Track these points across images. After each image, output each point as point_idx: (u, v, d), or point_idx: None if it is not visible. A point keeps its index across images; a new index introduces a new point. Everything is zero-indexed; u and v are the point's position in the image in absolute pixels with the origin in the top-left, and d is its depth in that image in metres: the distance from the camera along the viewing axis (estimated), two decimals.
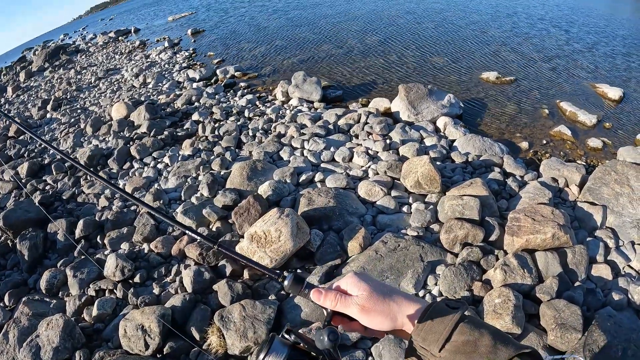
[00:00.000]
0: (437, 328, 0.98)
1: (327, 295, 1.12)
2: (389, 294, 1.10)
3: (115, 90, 14.88)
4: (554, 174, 6.41)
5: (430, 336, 0.98)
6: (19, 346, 4.70)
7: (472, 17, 16.28)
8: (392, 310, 1.06)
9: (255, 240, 5.00)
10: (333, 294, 1.12)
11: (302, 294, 1.17)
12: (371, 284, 1.11)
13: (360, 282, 1.11)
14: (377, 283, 1.13)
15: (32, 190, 8.74)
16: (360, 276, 1.14)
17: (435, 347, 0.97)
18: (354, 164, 7.21)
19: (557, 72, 10.84)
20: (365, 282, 1.11)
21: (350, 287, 1.12)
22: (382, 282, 1.16)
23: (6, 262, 6.87)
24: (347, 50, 13.94)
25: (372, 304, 1.07)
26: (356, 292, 1.10)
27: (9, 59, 42.02)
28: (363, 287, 1.10)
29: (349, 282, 1.14)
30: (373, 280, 1.13)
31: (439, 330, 0.98)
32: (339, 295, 1.11)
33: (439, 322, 0.99)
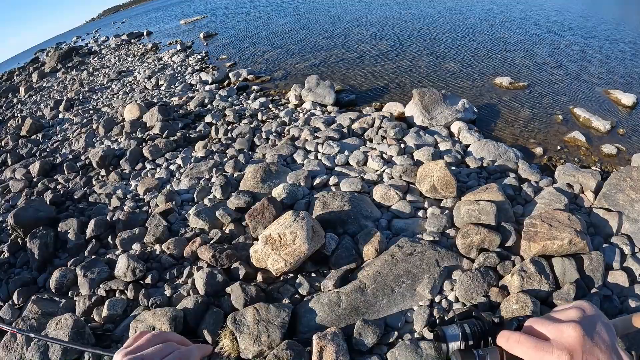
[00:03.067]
0: None
1: (521, 340, 0.88)
2: (601, 358, 0.82)
3: (127, 92, 14.95)
4: (569, 179, 6.35)
5: None
6: (27, 345, 4.67)
7: (485, 23, 16.25)
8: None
9: (270, 243, 4.95)
10: (528, 340, 0.88)
11: None
12: (582, 340, 0.82)
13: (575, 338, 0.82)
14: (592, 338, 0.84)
15: (43, 189, 8.75)
16: (581, 352, 0.82)
17: None
18: (369, 167, 7.16)
19: (570, 77, 10.79)
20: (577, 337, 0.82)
21: (559, 335, 0.85)
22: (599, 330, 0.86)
23: (16, 260, 6.86)
24: (359, 54, 13.94)
25: None
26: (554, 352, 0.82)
27: (22, 60, 42.36)
28: (573, 342, 0.82)
29: (561, 345, 0.83)
30: (591, 332, 0.84)
31: None
32: (536, 342, 0.86)
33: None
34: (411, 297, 4.62)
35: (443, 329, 1.02)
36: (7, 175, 10.23)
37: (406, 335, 4.26)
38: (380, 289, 4.61)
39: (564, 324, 0.85)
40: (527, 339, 0.87)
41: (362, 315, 4.39)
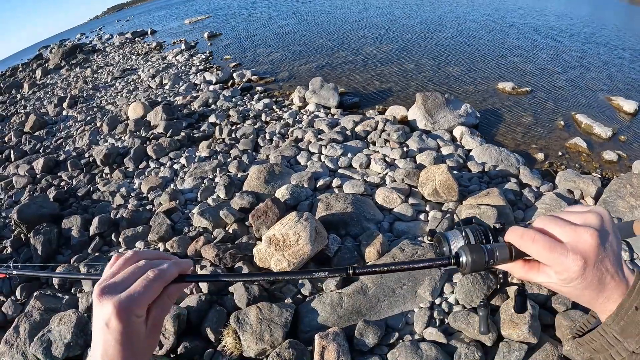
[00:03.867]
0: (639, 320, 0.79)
1: (530, 270, 0.86)
2: (607, 285, 0.82)
3: (131, 90, 14.98)
4: (570, 185, 6.39)
5: (631, 328, 0.80)
6: (30, 340, 4.68)
7: (488, 28, 16.31)
8: (599, 300, 0.83)
9: (274, 243, 5.00)
10: (537, 268, 0.86)
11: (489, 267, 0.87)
12: (595, 277, 0.80)
13: (585, 269, 0.79)
14: (604, 273, 0.81)
15: (47, 186, 8.79)
16: (595, 258, 0.79)
17: (633, 342, 0.81)
18: (371, 170, 7.20)
19: (573, 83, 10.85)
20: (590, 274, 0.79)
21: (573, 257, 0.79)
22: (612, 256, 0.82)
23: (19, 256, 6.87)
24: (364, 57, 13.98)
25: (581, 294, 0.83)
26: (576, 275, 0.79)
27: (25, 55, 42.38)
28: (586, 280, 0.80)
29: (576, 249, 0.79)
30: (602, 268, 0.81)
31: None
32: (551, 242, 0.81)
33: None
34: (412, 299, 4.66)
35: (444, 233, 0.96)
36: (11, 171, 10.27)
37: (407, 336, 4.30)
38: (381, 291, 4.65)
39: (581, 228, 0.81)
40: (542, 238, 0.82)
41: (363, 316, 4.43)
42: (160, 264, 0.94)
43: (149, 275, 0.90)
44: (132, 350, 0.85)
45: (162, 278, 0.91)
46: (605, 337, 0.84)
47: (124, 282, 0.89)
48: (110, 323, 0.83)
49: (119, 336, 0.83)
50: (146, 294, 0.87)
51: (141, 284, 0.88)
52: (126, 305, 0.84)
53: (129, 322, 0.84)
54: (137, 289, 0.87)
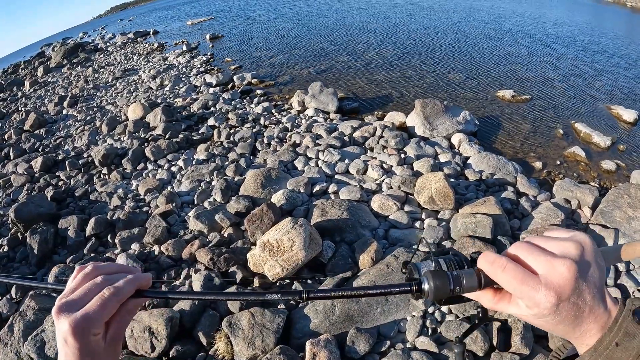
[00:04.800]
0: (619, 357, 0.71)
1: (501, 301, 0.79)
2: (586, 317, 0.73)
3: (132, 91, 15.00)
4: (567, 195, 6.38)
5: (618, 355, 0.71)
6: (24, 340, 4.69)
7: (489, 35, 16.33)
8: (576, 333, 0.76)
9: (268, 248, 5.00)
10: (507, 300, 0.78)
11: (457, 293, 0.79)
12: (571, 312, 0.72)
13: (560, 302, 0.71)
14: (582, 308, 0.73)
15: (45, 185, 8.80)
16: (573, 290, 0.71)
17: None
18: (368, 176, 7.21)
19: (573, 92, 10.86)
20: (566, 307, 0.72)
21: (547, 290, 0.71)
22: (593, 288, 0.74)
23: (15, 255, 6.90)
24: (364, 62, 14.00)
25: (557, 329, 0.75)
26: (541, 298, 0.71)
27: (27, 53, 42.40)
28: (561, 314, 0.72)
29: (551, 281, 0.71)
30: (579, 299, 0.72)
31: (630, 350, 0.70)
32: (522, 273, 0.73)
33: (623, 349, 0.71)
34: (405, 307, 4.66)
35: (416, 263, 0.89)
36: (9, 169, 10.28)
37: (398, 344, 4.29)
38: (374, 298, 4.64)
39: (558, 259, 0.73)
40: (514, 267, 0.74)
41: (355, 324, 4.43)
42: (117, 279, 0.94)
43: (105, 293, 0.90)
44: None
45: (118, 296, 0.91)
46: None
47: (81, 300, 0.89)
48: (67, 340, 0.84)
49: (77, 352, 0.84)
50: (101, 313, 0.88)
51: (97, 302, 0.88)
52: (81, 325, 0.85)
53: (84, 340, 0.85)
54: (93, 308, 0.87)
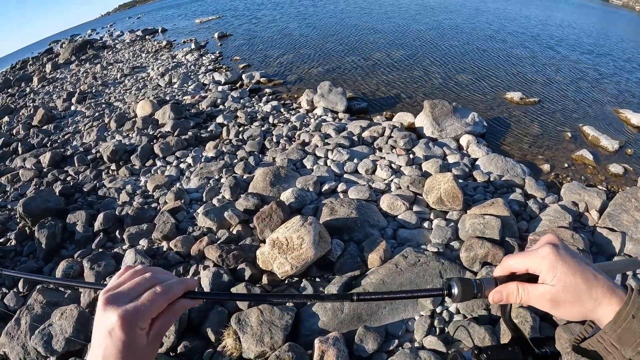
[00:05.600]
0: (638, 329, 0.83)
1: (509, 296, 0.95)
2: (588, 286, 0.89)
3: (140, 88, 15.04)
4: (575, 198, 6.38)
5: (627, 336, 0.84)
6: (31, 333, 4.72)
7: (497, 37, 16.30)
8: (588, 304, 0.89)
9: (277, 246, 5.01)
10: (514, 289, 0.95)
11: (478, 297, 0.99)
12: (569, 271, 0.89)
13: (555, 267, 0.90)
14: (576, 268, 0.90)
15: (53, 180, 8.84)
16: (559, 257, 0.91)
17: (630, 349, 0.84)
18: (377, 176, 7.22)
19: (581, 95, 10.84)
20: (561, 267, 0.90)
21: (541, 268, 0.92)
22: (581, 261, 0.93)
23: (23, 249, 6.94)
24: (373, 62, 13.99)
25: (567, 297, 0.89)
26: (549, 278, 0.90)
27: (36, 49, 42.52)
28: (559, 272, 0.89)
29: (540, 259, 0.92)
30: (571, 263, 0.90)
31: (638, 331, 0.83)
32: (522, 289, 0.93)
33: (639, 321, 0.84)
34: (413, 306, 4.66)
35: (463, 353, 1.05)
36: (18, 163, 10.33)
37: (406, 343, 4.30)
38: None
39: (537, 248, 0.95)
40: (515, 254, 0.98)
41: (363, 322, 4.43)
42: (167, 279, 0.97)
43: (157, 289, 0.93)
44: (127, 358, 0.86)
45: (168, 294, 0.93)
46: (602, 344, 0.87)
47: (130, 293, 0.91)
48: (113, 332, 0.85)
49: (120, 345, 0.85)
50: (151, 308, 0.90)
51: (148, 297, 0.91)
52: (131, 317, 0.86)
53: (131, 333, 0.86)
54: (144, 302, 0.90)
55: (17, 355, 4.73)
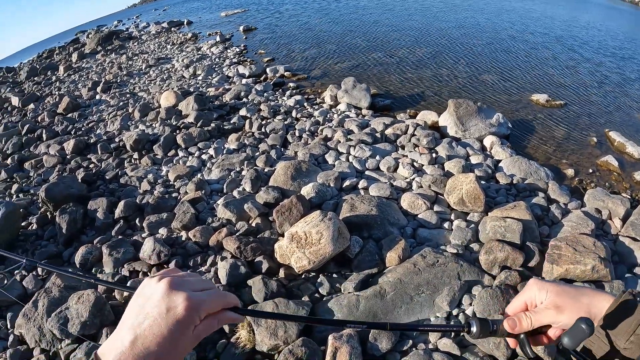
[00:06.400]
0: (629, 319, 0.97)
1: (520, 320, 1.08)
2: (576, 289, 1.07)
3: (165, 79, 15.13)
4: (598, 204, 6.24)
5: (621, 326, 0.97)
6: (47, 316, 4.77)
7: (525, 38, 16.09)
8: (584, 303, 1.03)
9: (296, 240, 4.99)
10: (524, 315, 1.08)
11: (494, 334, 1.12)
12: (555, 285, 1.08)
13: (543, 284, 1.09)
14: (559, 283, 1.10)
15: (76, 167, 8.93)
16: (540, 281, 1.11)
17: (623, 337, 0.97)
18: (399, 174, 7.17)
19: (608, 100, 10.65)
20: (548, 284, 1.08)
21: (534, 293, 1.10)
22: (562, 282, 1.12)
23: (44, 233, 7.03)
24: (397, 60, 13.90)
25: (564, 300, 1.04)
26: (543, 296, 1.08)
27: (62, 39, 42.96)
28: (548, 287, 1.08)
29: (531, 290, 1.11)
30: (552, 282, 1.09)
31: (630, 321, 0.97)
32: (529, 313, 1.08)
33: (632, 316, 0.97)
34: (429, 307, 4.62)
35: None
36: (42, 150, 10.45)
37: (420, 344, 4.25)
38: (399, 297, 4.62)
39: None
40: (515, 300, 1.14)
41: (379, 321, 4.40)
42: None
43: (219, 291, 1.00)
44: (170, 342, 0.87)
45: (225, 299, 0.99)
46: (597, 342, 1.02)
47: (195, 285, 0.96)
48: (173, 311, 0.88)
49: (173, 325, 0.87)
50: (213, 304, 0.95)
51: (210, 294, 0.96)
52: (196, 304, 0.90)
53: (190, 318, 0.89)
54: (210, 296, 0.95)
55: (33, 337, 4.79)
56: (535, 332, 1.10)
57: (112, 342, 0.87)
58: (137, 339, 0.85)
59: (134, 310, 0.90)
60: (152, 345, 0.85)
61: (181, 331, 0.88)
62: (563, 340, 0.97)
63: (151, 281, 0.95)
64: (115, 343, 0.86)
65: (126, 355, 0.84)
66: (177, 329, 0.87)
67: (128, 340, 0.85)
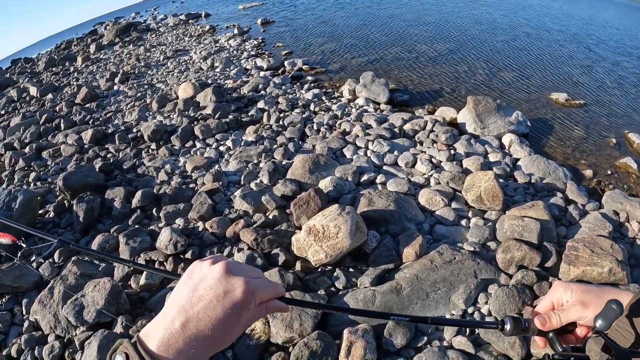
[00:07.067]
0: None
1: (550, 317, 1.14)
2: (600, 287, 1.14)
3: (182, 71, 15.18)
4: (616, 207, 6.17)
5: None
6: (63, 303, 4.82)
7: (545, 36, 15.94)
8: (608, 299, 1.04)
9: (313, 233, 4.99)
10: (552, 313, 1.14)
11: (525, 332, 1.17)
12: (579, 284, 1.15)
13: (568, 284, 1.15)
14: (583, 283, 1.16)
15: (93, 156, 8.99)
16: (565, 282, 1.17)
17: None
18: (417, 170, 7.15)
19: (628, 101, 10.50)
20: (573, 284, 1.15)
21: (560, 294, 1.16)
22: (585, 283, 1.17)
23: (61, 221, 7.09)
24: (416, 55, 13.83)
25: (589, 297, 1.10)
26: (569, 295, 1.14)
27: (80, 30, 43.19)
28: (573, 287, 1.14)
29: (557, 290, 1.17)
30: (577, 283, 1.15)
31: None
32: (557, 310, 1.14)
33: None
34: (445, 304, 4.61)
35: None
36: (60, 139, 10.52)
37: (435, 341, 4.24)
38: (415, 293, 4.61)
39: None
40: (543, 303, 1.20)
41: None
42: None
43: (269, 280, 1.00)
44: (224, 326, 0.87)
45: (276, 289, 1.00)
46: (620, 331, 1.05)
47: (250, 272, 0.97)
48: (231, 294, 0.88)
49: (230, 308, 0.87)
50: (267, 291, 0.96)
51: (267, 282, 0.98)
52: (253, 289, 0.91)
53: (246, 302, 0.89)
54: (265, 284, 0.96)
55: (48, 324, 4.84)
56: (564, 332, 1.15)
57: (158, 324, 0.85)
58: (189, 321, 0.84)
59: (185, 291, 0.89)
60: (206, 328, 0.84)
61: (236, 315, 0.87)
62: (596, 323, 1.02)
63: (203, 264, 0.94)
64: (163, 325, 0.84)
65: (176, 337, 0.82)
66: (233, 313, 0.87)
67: (179, 322, 0.83)
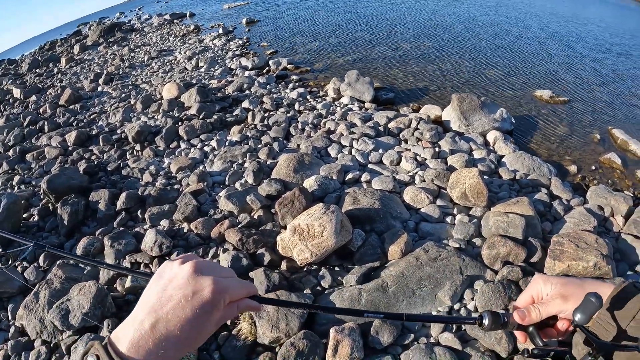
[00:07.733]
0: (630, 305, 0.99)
1: (529, 310, 1.11)
2: (580, 279, 1.11)
3: (167, 71, 15.12)
4: (601, 201, 6.21)
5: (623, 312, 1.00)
6: (49, 307, 4.79)
7: (530, 34, 16.01)
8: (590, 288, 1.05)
9: (298, 232, 4.99)
10: (532, 306, 1.11)
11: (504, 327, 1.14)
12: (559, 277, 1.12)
13: (547, 277, 1.13)
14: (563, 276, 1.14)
15: (78, 159, 8.92)
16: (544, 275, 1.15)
17: (625, 321, 0.99)
18: (401, 168, 7.17)
19: (612, 97, 10.57)
20: (552, 278, 1.12)
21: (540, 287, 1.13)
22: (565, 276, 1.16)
23: (45, 225, 7.04)
24: (401, 53, 13.84)
25: (569, 289, 1.08)
26: (549, 288, 1.11)
27: (64, 31, 42.88)
28: (553, 280, 1.11)
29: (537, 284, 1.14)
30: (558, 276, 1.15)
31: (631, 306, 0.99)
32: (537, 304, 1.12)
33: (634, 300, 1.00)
34: (431, 301, 4.62)
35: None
36: (43, 141, 10.44)
37: (422, 338, 4.25)
38: (401, 290, 4.62)
39: None
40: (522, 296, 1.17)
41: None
42: None
43: (240, 279, 0.98)
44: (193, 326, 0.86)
45: (248, 288, 0.98)
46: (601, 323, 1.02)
47: (221, 272, 0.95)
48: (199, 294, 0.86)
49: (199, 308, 0.86)
50: (237, 291, 0.94)
51: (237, 280, 0.97)
52: (222, 288, 0.89)
53: (215, 302, 0.88)
54: (235, 283, 0.95)
55: (34, 329, 4.81)
56: (544, 326, 1.12)
57: (128, 325, 0.85)
58: (159, 321, 0.83)
59: (155, 292, 0.88)
60: (175, 328, 0.83)
61: (206, 315, 0.86)
62: (575, 317, 1.00)
63: (173, 264, 0.93)
64: (132, 326, 0.84)
65: (146, 338, 0.81)
66: (202, 313, 0.85)
67: (148, 324, 0.82)
